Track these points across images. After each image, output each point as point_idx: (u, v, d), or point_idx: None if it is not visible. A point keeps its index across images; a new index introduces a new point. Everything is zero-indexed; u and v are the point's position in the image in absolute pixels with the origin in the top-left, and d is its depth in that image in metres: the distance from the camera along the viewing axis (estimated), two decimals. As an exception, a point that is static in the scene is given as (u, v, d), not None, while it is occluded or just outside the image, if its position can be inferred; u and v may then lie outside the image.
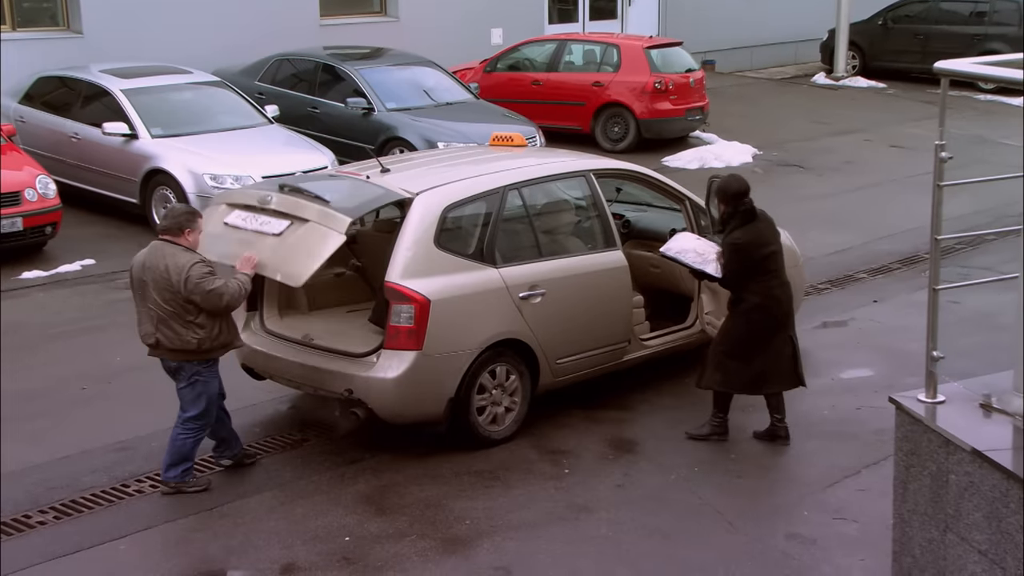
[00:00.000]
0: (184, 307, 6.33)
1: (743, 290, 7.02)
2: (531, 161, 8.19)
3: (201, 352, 6.43)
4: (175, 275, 6.29)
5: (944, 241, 4.80)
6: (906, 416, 4.74)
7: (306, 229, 6.69)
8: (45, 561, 5.98)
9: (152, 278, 6.36)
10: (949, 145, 4.68)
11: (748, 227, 7.01)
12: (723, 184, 7.10)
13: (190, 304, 6.32)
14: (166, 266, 6.32)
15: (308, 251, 6.59)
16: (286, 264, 6.62)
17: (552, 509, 6.51)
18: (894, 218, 12.72)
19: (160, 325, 6.38)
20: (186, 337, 6.37)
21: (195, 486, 6.66)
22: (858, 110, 19.74)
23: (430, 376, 6.87)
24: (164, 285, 6.32)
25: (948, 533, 4.52)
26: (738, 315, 7.09)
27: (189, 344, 6.38)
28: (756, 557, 6.04)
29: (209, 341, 6.42)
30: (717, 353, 7.17)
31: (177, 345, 6.39)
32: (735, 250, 6.97)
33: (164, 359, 6.56)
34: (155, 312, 6.37)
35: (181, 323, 6.35)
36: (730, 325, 7.16)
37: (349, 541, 6.16)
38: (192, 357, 6.45)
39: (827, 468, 7.03)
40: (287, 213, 6.82)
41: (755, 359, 7.07)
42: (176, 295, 6.30)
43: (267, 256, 6.66)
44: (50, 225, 11.23)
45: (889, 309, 9.98)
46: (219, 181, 11.57)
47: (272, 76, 15.00)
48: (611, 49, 16.57)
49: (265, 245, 6.72)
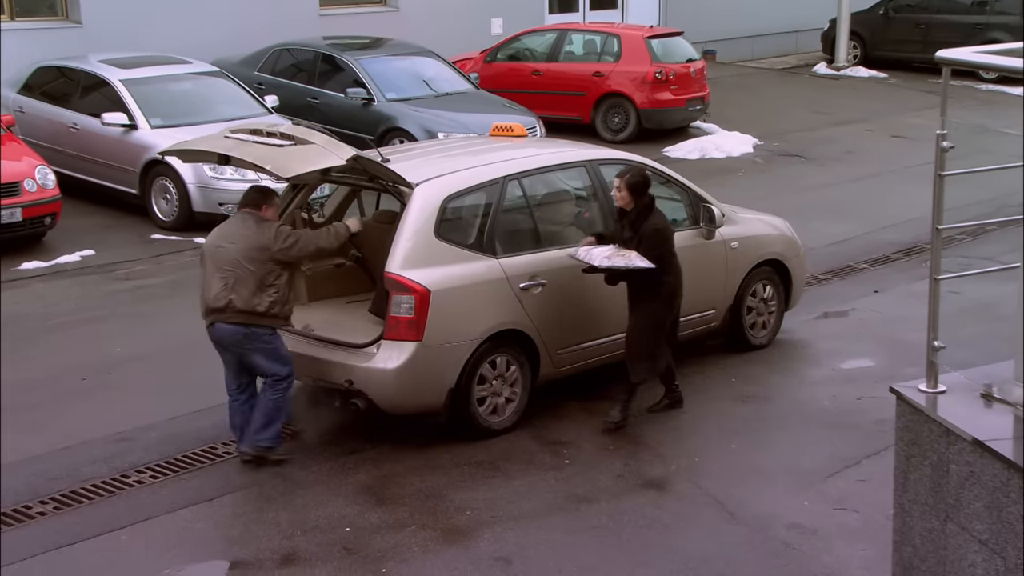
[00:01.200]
0: (268, 269, 6.59)
1: (663, 273, 7.14)
2: (531, 151, 8.18)
3: (268, 316, 6.63)
4: (266, 234, 6.61)
5: (945, 231, 4.79)
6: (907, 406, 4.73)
7: (309, 147, 6.77)
8: (46, 551, 5.98)
9: (240, 241, 6.60)
10: (951, 135, 4.66)
11: (657, 213, 7.22)
12: (639, 179, 7.21)
13: (276, 265, 6.60)
14: (256, 229, 6.64)
15: (304, 157, 6.68)
16: (279, 160, 6.67)
17: (552, 499, 6.51)
18: (895, 208, 12.70)
19: (236, 286, 6.57)
20: (259, 299, 6.58)
21: (280, 455, 6.80)
22: (859, 100, 19.70)
23: (430, 367, 6.86)
24: (254, 244, 6.58)
25: (949, 523, 4.52)
26: (660, 300, 7.22)
27: (259, 307, 6.58)
28: (757, 547, 6.04)
29: (278, 306, 6.64)
30: (646, 345, 7.25)
31: (249, 306, 6.57)
32: (661, 235, 7.17)
33: (227, 329, 6.64)
34: (233, 274, 6.57)
35: (258, 285, 6.58)
36: (653, 313, 7.23)
37: (350, 531, 6.16)
38: (260, 321, 6.63)
39: (828, 458, 7.03)
40: (294, 136, 6.86)
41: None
42: (263, 252, 6.57)
43: (262, 152, 6.72)
44: (49, 216, 11.22)
45: (890, 299, 9.97)
46: (218, 172, 11.56)
47: (272, 66, 14.98)
48: (612, 39, 16.53)
49: (263, 149, 6.78)
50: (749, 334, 8.69)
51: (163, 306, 9.80)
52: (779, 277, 8.83)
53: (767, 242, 8.78)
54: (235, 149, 6.89)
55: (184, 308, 9.67)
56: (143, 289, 10.25)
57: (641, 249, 7.06)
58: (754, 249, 8.62)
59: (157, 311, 9.68)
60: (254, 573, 5.82)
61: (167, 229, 11.83)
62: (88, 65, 12.99)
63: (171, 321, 9.32)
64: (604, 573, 5.81)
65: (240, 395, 6.87)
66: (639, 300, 7.27)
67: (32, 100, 13.17)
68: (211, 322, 6.70)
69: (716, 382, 8.19)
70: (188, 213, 11.75)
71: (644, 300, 7.25)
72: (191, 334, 8.98)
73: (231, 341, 6.68)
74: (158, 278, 10.54)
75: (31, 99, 13.18)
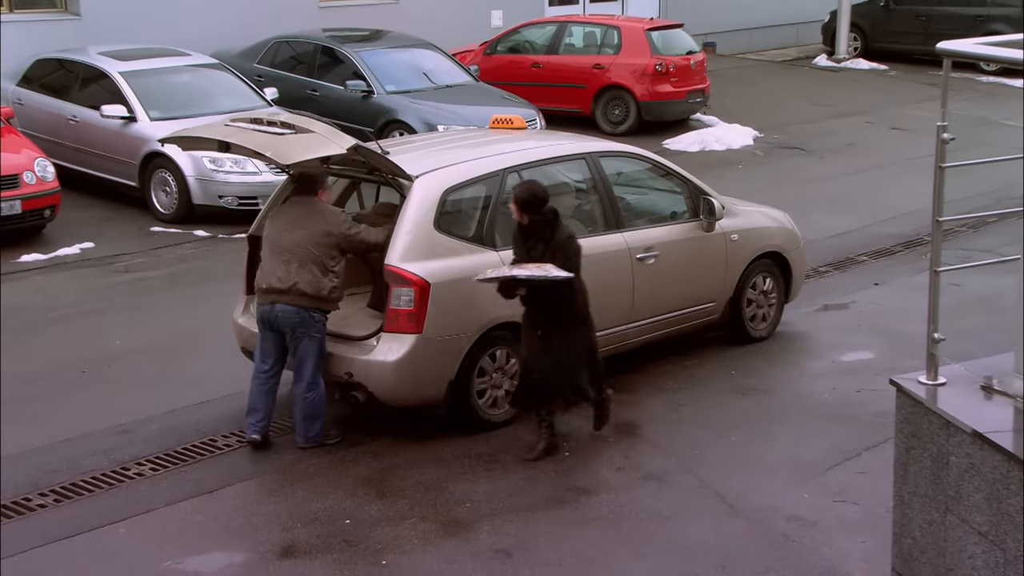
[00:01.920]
0: (332, 254, 6.80)
1: (576, 293, 6.67)
2: (531, 144, 8.16)
3: (328, 300, 6.82)
4: (333, 219, 6.86)
5: (946, 223, 4.78)
6: (907, 398, 4.72)
7: (309, 136, 6.76)
8: (46, 544, 5.98)
9: (308, 226, 6.77)
10: (951, 127, 4.65)
11: (562, 224, 6.77)
12: (536, 192, 6.69)
13: (337, 251, 6.82)
14: (323, 216, 6.85)
15: (304, 145, 6.67)
16: (280, 147, 6.66)
17: (552, 492, 6.51)
18: (895, 200, 12.69)
19: (301, 269, 6.72)
20: (323, 282, 6.75)
21: (333, 438, 7.00)
22: (859, 92, 19.68)
23: (430, 359, 6.86)
24: (322, 229, 6.77)
25: (948, 515, 4.52)
26: (580, 323, 6.75)
27: (322, 290, 6.74)
28: (757, 539, 6.04)
29: (337, 291, 6.85)
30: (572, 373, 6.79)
31: (313, 290, 6.73)
32: (574, 245, 6.68)
33: (287, 310, 6.73)
34: (298, 257, 6.72)
35: (322, 269, 6.75)
36: (576, 337, 6.74)
37: (350, 524, 6.16)
38: (320, 304, 6.79)
39: (828, 451, 7.03)
40: (294, 125, 6.85)
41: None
42: (329, 237, 6.77)
43: (262, 140, 6.72)
44: (49, 208, 11.21)
45: (890, 292, 9.97)
46: (218, 164, 11.55)
47: (271, 58, 14.95)
48: (612, 31, 16.51)
49: (263, 136, 6.78)
50: (749, 326, 8.69)
51: (162, 299, 9.79)
52: (779, 269, 8.82)
53: (767, 234, 8.77)
54: (235, 136, 6.89)
55: (183, 300, 9.69)
56: (142, 282, 10.24)
57: (556, 260, 6.54)
58: (754, 241, 8.61)
59: (156, 304, 9.68)
60: (254, 565, 5.82)
61: (166, 222, 11.83)
62: (87, 57, 12.97)
63: (170, 314, 9.32)
64: (604, 565, 5.81)
65: (268, 378, 6.93)
66: (555, 322, 6.68)
67: (31, 92, 13.16)
68: (271, 302, 6.79)
69: (716, 375, 8.18)
70: (188, 206, 11.75)
71: (560, 323, 6.69)
72: (190, 326, 9.02)
73: (287, 322, 6.78)
74: (157, 270, 10.53)
75: (30, 91, 13.17)
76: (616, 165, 8.25)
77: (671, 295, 8.10)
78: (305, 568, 5.75)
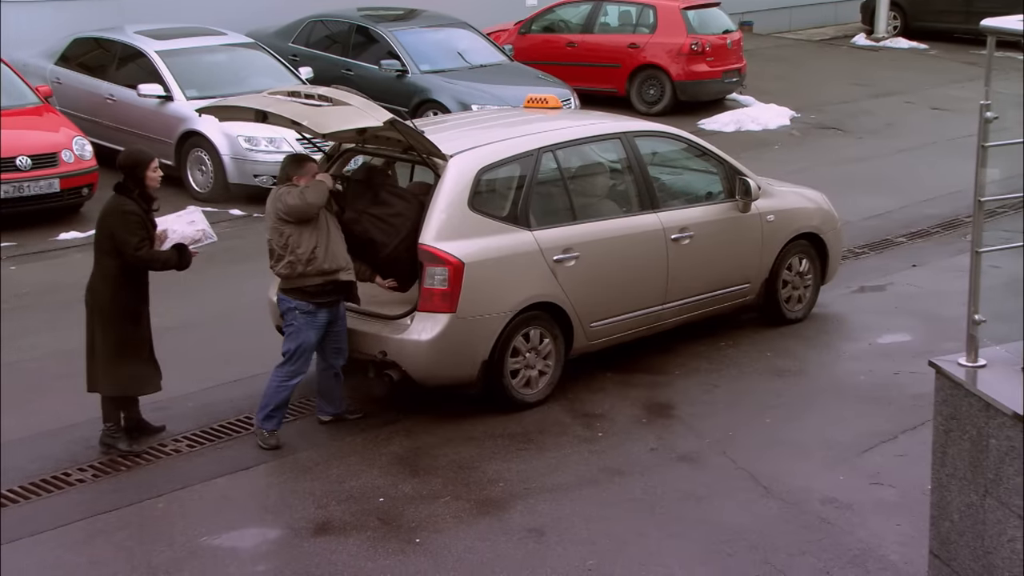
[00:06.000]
0: (282, 231, 6.72)
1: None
2: (565, 123, 8.13)
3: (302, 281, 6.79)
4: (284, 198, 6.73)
5: (987, 204, 4.72)
6: (946, 380, 4.67)
7: (347, 107, 6.75)
8: (84, 518, 6.06)
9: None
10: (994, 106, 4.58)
11: (117, 198, 6.97)
12: (121, 160, 6.94)
13: (286, 226, 6.71)
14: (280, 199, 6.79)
15: (341, 116, 6.67)
16: (316, 116, 6.65)
17: (585, 472, 6.51)
18: (934, 181, 12.55)
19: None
20: (296, 267, 6.72)
21: (355, 413, 7.08)
22: (899, 72, 19.43)
23: (464, 339, 6.87)
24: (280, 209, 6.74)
25: (988, 498, 4.47)
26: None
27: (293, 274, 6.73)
28: (791, 521, 6.02)
29: (303, 267, 6.79)
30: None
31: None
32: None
33: (338, 301, 6.84)
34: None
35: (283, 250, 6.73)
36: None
37: (383, 502, 6.20)
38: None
39: (863, 433, 6.98)
40: (332, 98, 6.84)
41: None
42: (281, 216, 6.71)
43: (299, 109, 6.72)
44: (87, 187, 11.30)
45: (928, 274, 9.87)
46: (253, 143, 11.59)
47: (306, 38, 14.97)
48: (647, 10, 16.39)
49: (301, 106, 6.78)
50: (785, 308, 8.63)
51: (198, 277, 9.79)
52: (815, 251, 8.74)
53: (803, 215, 8.69)
54: (273, 106, 6.89)
55: (219, 279, 9.74)
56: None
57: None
58: (790, 222, 8.54)
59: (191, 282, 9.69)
60: (289, 541, 5.87)
61: (202, 200, 11.87)
62: (124, 36, 13.05)
63: (206, 292, 9.37)
64: (637, 545, 5.81)
65: (321, 362, 7.06)
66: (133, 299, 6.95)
67: (69, 71, 13.25)
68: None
69: (751, 356, 8.14)
70: (223, 184, 11.80)
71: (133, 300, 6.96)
72: (226, 305, 9.07)
73: (325, 308, 6.85)
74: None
75: (68, 70, 13.26)
76: (651, 145, 8.20)
77: (706, 276, 8.05)
78: (339, 545, 5.79)
